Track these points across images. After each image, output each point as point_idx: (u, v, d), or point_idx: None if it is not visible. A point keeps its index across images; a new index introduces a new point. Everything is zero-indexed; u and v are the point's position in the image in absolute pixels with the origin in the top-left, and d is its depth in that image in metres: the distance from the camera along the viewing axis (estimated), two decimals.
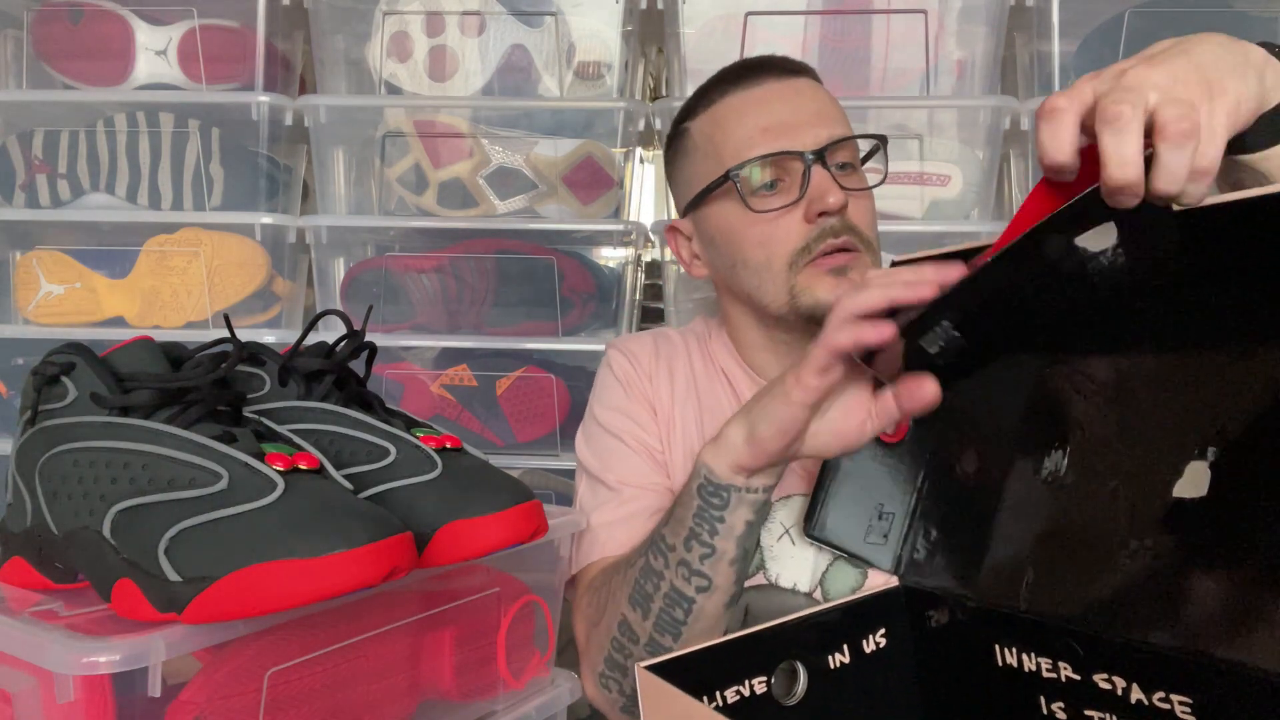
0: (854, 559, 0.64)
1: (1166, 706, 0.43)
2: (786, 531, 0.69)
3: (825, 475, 0.64)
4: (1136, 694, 0.44)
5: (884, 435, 0.60)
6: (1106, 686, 0.46)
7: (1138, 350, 0.48)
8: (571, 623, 0.70)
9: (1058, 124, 0.40)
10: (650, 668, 0.45)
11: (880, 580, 0.61)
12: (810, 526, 0.63)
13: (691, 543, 0.58)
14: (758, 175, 0.67)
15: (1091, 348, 0.51)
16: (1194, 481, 0.44)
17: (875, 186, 0.71)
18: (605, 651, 0.63)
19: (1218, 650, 0.41)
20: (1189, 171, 0.39)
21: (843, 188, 0.66)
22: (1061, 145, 0.40)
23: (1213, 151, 0.39)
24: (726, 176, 0.68)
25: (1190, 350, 0.46)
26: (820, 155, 0.66)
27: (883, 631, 0.57)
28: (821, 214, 0.66)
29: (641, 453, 0.74)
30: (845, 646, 0.56)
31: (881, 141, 0.73)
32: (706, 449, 0.58)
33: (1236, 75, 0.41)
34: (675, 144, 0.77)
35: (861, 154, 0.74)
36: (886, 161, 0.73)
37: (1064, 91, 0.41)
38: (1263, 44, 0.45)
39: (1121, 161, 0.38)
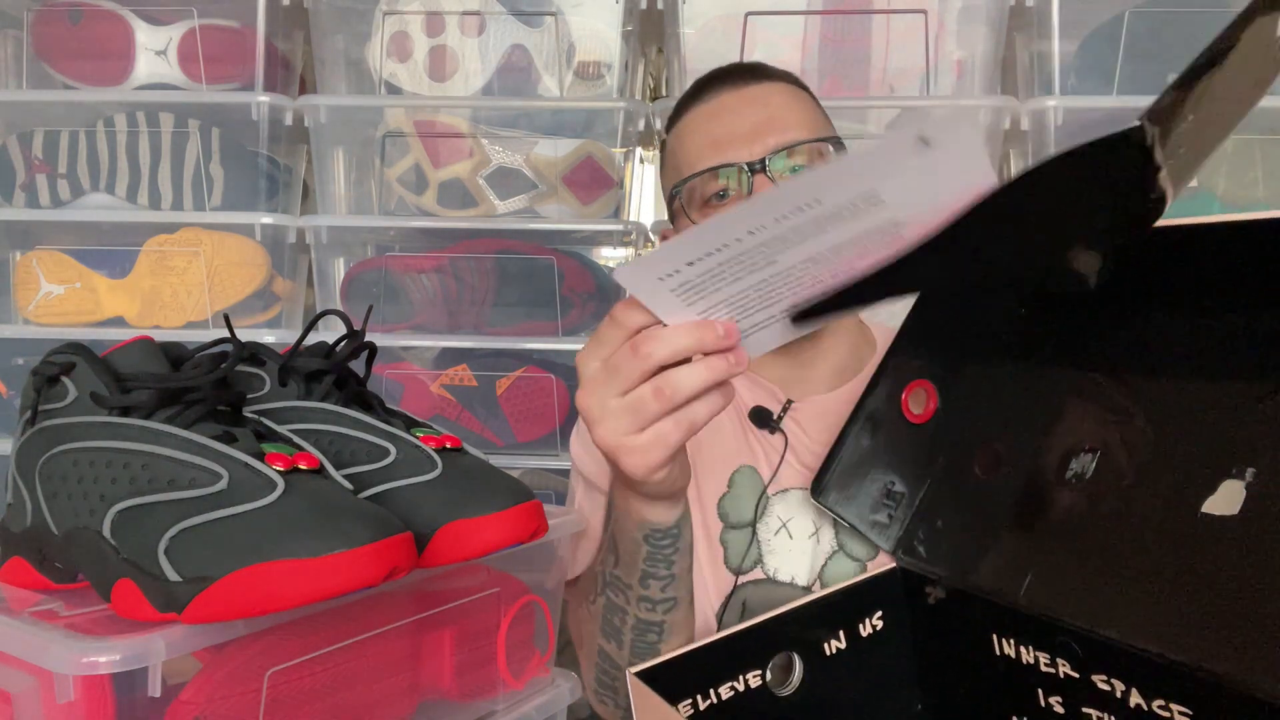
0: (853, 531, 0.63)
1: (1166, 714, 0.43)
2: (784, 525, 0.69)
3: (841, 443, 0.63)
4: (1135, 698, 0.44)
5: (910, 414, 0.60)
6: (1105, 688, 0.46)
7: (1186, 365, 0.47)
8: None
9: None
10: (641, 673, 0.45)
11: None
12: (817, 489, 0.62)
13: (649, 581, 0.59)
14: (703, 188, 0.68)
15: (1140, 358, 0.50)
16: (1227, 499, 0.43)
17: None
18: (594, 673, 0.66)
19: (1223, 670, 0.40)
20: None
21: None
22: None
23: None
24: (674, 194, 0.70)
25: (1239, 370, 0.45)
26: (763, 165, 0.65)
27: (879, 614, 0.57)
28: None
29: None
30: (841, 632, 0.55)
31: (834, 144, 0.71)
32: (632, 500, 0.55)
33: None
34: (661, 157, 0.79)
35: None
36: None
37: None
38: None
39: None
